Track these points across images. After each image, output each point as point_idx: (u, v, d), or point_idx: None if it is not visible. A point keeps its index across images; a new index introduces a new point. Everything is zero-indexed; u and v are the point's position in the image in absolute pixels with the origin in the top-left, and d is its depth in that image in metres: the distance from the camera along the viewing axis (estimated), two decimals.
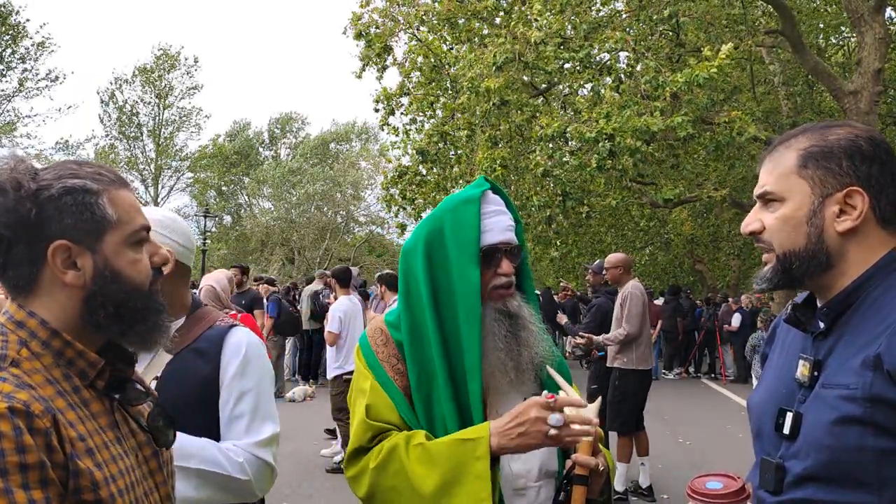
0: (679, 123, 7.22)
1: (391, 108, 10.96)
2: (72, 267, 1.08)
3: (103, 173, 1.13)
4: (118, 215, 1.10)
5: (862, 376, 1.11)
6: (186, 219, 36.54)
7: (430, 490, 1.46)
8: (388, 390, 1.60)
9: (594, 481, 1.52)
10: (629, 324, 5.76)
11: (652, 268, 22.07)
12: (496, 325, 1.58)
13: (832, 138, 1.23)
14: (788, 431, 1.20)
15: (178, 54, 32.55)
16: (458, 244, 1.58)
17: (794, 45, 9.39)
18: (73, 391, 1.06)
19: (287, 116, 39.40)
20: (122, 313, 1.11)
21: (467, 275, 1.57)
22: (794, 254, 1.23)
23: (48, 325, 1.07)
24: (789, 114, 12.17)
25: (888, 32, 9.31)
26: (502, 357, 1.56)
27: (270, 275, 17.66)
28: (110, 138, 32.34)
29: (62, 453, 0.97)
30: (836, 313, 1.22)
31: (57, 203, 1.06)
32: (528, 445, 1.44)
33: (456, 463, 1.45)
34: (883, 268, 1.20)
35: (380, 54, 10.30)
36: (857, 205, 1.19)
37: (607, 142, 7.20)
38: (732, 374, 14.51)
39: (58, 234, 1.06)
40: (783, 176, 1.24)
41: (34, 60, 23.74)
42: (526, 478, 1.59)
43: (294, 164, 34.71)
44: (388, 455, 1.52)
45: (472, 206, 1.60)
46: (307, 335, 11.71)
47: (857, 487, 1.11)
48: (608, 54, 8.85)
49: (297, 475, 6.38)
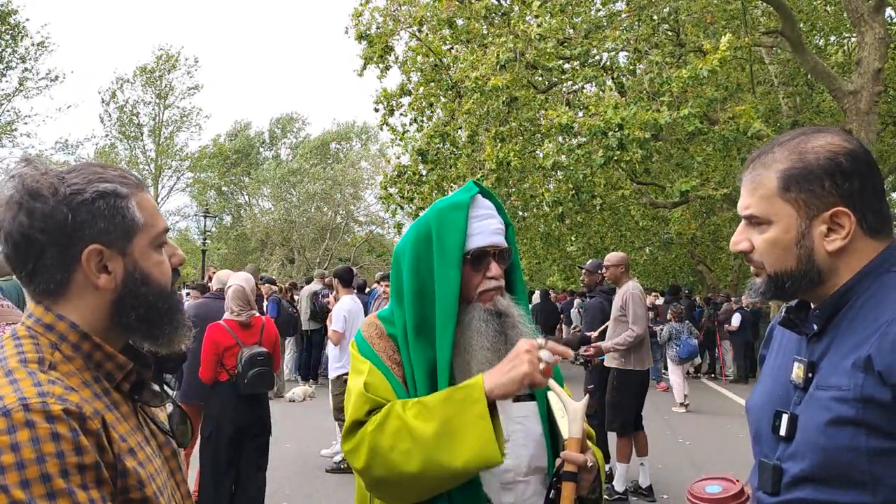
0: (686, 116, 7.20)
1: (391, 109, 10.95)
2: (104, 270, 1.09)
3: (128, 177, 1.15)
4: (145, 218, 1.12)
5: (854, 377, 1.13)
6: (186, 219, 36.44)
7: (430, 439, 1.45)
8: (387, 375, 1.63)
9: (583, 478, 1.54)
10: (637, 325, 5.72)
11: (652, 268, 22.06)
12: (484, 325, 1.61)
13: (811, 157, 1.22)
14: (785, 433, 1.21)
15: (178, 54, 32.58)
16: (442, 248, 1.63)
17: (793, 45, 9.39)
18: (104, 393, 1.08)
19: (288, 116, 39.45)
20: (151, 315, 1.13)
21: (447, 278, 1.61)
22: (785, 273, 1.25)
23: (78, 327, 1.07)
24: (789, 114, 12.17)
25: (888, 32, 9.31)
26: (489, 355, 1.58)
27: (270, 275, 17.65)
28: (111, 138, 32.36)
29: (111, 453, 1.00)
30: (829, 315, 1.23)
31: (90, 207, 1.07)
32: (519, 375, 1.44)
33: (454, 410, 1.46)
34: (873, 270, 1.21)
35: (381, 55, 10.30)
36: (845, 224, 1.21)
37: (618, 131, 7.16)
38: (732, 374, 14.51)
39: (91, 238, 1.07)
40: (766, 199, 1.25)
41: (34, 60, 23.76)
42: (514, 472, 1.60)
43: (294, 164, 34.72)
44: (385, 417, 1.51)
45: (460, 211, 1.65)
46: (306, 335, 11.71)
47: (852, 487, 1.12)
48: (607, 54, 8.84)
49: (297, 475, 6.38)
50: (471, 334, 1.60)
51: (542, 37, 7.90)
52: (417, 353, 1.62)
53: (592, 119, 7.36)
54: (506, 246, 1.68)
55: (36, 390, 0.96)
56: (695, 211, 17.34)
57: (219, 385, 4.49)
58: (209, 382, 4.52)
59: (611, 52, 8.93)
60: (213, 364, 4.47)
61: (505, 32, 8.33)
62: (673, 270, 22.62)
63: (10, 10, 22.19)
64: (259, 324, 4.71)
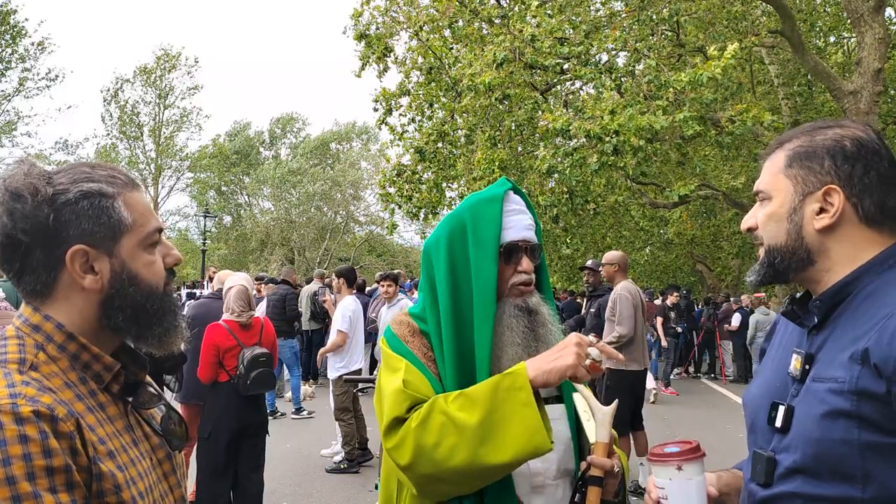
0: (684, 120, 7.19)
1: (389, 108, 10.95)
2: (90, 271, 1.08)
3: (117, 176, 1.13)
4: (133, 218, 1.11)
5: (850, 370, 1.13)
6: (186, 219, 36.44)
7: (476, 430, 1.40)
8: (424, 372, 1.59)
9: (609, 482, 1.53)
10: (622, 325, 5.79)
11: (652, 268, 22.07)
12: (514, 320, 1.60)
13: (819, 138, 1.26)
14: (780, 425, 1.22)
15: (178, 54, 32.57)
16: (478, 241, 1.62)
17: (793, 45, 9.38)
18: (90, 395, 1.06)
19: (288, 116, 39.42)
20: (140, 316, 1.11)
21: (484, 270, 1.60)
22: (776, 248, 1.28)
23: (64, 328, 1.07)
24: (789, 114, 12.17)
25: (888, 32, 9.31)
26: (519, 352, 1.57)
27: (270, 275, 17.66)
28: (111, 138, 32.35)
29: (86, 456, 0.98)
30: (829, 307, 1.24)
31: (74, 208, 1.06)
32: (563, 366, 1.41)
33: (499, 399, 1.42)
34: (876, 265, 1.21)
35: (381, 57, 10.29)
36: (835, 202, 1.22)
37: (613, 137, 7.16)
38: (732, 374, 14.50)
39: (76, 239, 1.06)
40: (772, 175, 1.30)
41: (34, 60, 23.76)
42: (544, 475, 1.59)
43: (294, 164, 34.71)
44: (429, 413, 1.46)
45: (496, 204, 1.64)
46: (306, 335, 11.71)
47: (842, 480, 1.12)
48: (606, 54, 8.84)
49: (296, 475, 6.38)
50: (502, 329, 1.59)
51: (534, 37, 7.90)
52: (451, 349, 1.58)
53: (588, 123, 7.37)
54: (537, 242, 1.69)
55: (7, 391, 0.95)
56: (695, 211, 17.34)
57: (218, 385, 4.49)
58: (208, 383, 4.53)
59: (610, 53, 8.93)
60: (212, 365, 4.47)
61: (503, 32, 8.33)
62: (673, 270, 22.62)
63: (10, 10, 22.18)
64: (258, 324, 4.72)
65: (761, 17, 10.58)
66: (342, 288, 6.92)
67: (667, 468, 1.32)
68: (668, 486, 1.31)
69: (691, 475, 1.31)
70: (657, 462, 1.34)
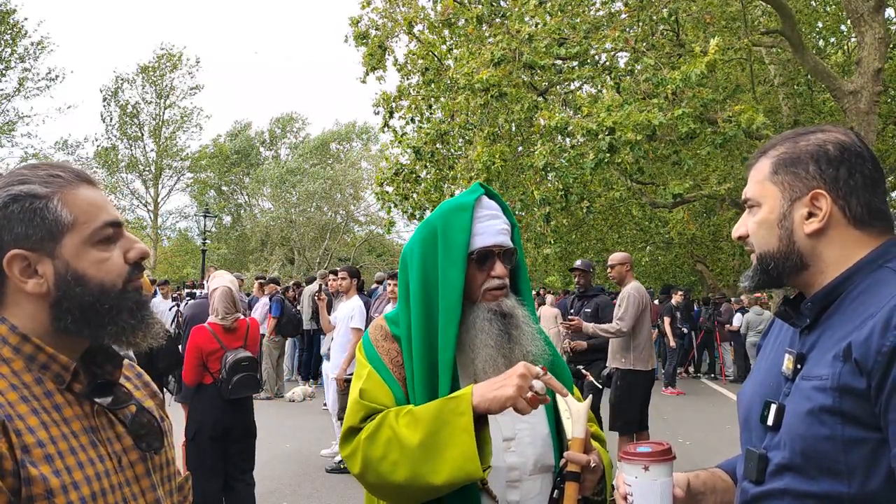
0: (680, 117, 7.18)
1: (391, 111, 10.95)
2: (33, 275, 1.06)
3: (57, 174, 1.10)
4: (75, 216, 1.07)
5: (833, 367, 1.15)
6: (186, 219, 36.43)
7: (416, 450, 1.46)
8: (386, 379, 1.65)
9: (587, 478, 1.55)
10: (622, 321, 5.84)
11: (653, 268, 22.07)
12: (488, 324, 1.63)
13: (802, 144, 1.29)
14: (772, 422, 1.24)
15: (180, 54, 32.54)
16: (447, 247, 1.65)
17: (793, 45, 9.37)
18: (45, 395, 1.04)
19: (288, 116, 39.41)
20: (90, 316, 1.08)
21: (450, 277, 1.63)
22: (769, 255, 1.30)
23: (17, 329, 1.05)
24: (789, 114, 12.16)
25: (888, 32, 9.30)
26: (493, 354, 1.60)
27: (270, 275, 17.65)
28: (111, 138, 32.32)
29: (12, 460, 0.95)
30: (820, 308, 1.26)
31: (4, 212, 1.04)
32: (503, 397, 1.43)
33: (441, 421, 1.47)
34: (866, 266, 1.23)
35: (380, 59, 10.30)
36: (822, 207, 1.25)
37: (607, 135, 7.15)
38: (732, 374, 14.50)
39: (10, 244, 1.04)
40: (759, 182, 1.33)
41: (34, 60, 23.75)
42: (520, 470, 1.61)
43: (294, 164, 34.69)
44: (378, 426, 1.54)
45: (465, 213, 1.67)
46: (307, 335, 11.70)
47: (829, 476, 1.14)
48: (605, 53, 8.83)
49: (296, 475, 6.37)
50: (475, 333, 1.62)
51: (531, 37, 7.89)
52: (419, 353, 1.62)
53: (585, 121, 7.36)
54: (511, 246, 1.70)
55: None
56: (695, 211, 17.33)
57: (202, 388, 4.50)
58: (192, 385, 4.54)
59: (610, 53, 8.92)
60: (196, 368, 4.47)
61: (501, 32, 8.32)
62: (673, 270, 22.62)
63: (9, 10, 22.18)
64: (244, 326, 4.71)
65: (761, 16, 10.58)
66: (351, 288, 6.91)
67: (634, 466, 1.34)
68: (634, 483, 1.34)
69: (657, 476, 1.33)
70: (626, 460, 1.36)
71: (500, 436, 1.61)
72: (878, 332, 1.11)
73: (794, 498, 1.18)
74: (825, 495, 1.15)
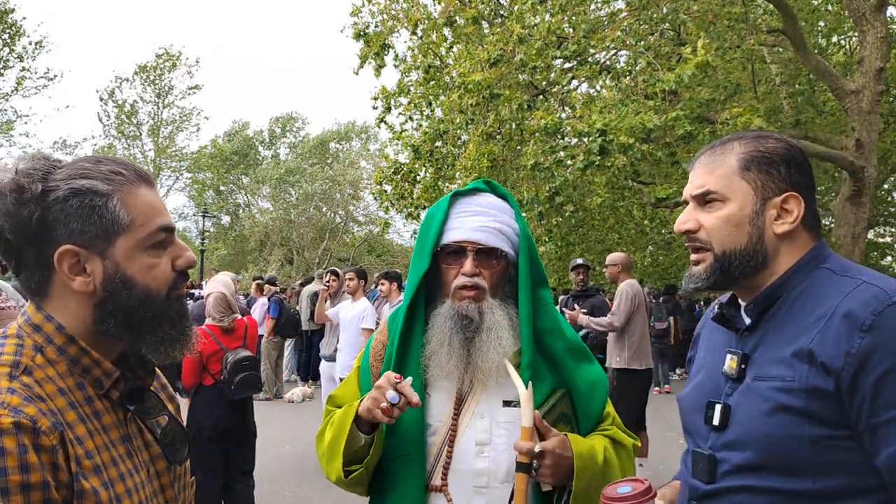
0: (676, 118, 7.15)
1: (388, 106, 10.91)
2: (81, 272, 1.03)
3: (120, 171, 1.07)
4: (132, 217, 1.05)
5: (797, 369, 1.18)
6: (185, 219, 36.39)
7: (326, 448, 1.64)
8: (363, 376, 1.74)
9: (543, 464, 1.50)
10: (615, 317, 5.90)
11: (653, 269, 22.07)
12: (442, 321, 1.61)
13: (770, 145, 1.31)
14: (718, 422, 1.26)
15: (179, 54, 32.50)
16: (421, 240, 1.67)
17: (795, 45, 9.34)
18: (86, 402, 1.02)
19: (287, 116, 39.37)
20: (133, 322, 1.05)
21: (414, 268, 1.66)
22: (734, 252, 1.29)
23: (65, 330, 1.03)
24: (791, 113, 12.13)
25: (889, 31, 9.28)
26: (443, 353, 1.59)
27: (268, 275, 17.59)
28: (109, 137, 32.27)
29: (67, 472, 0.93)
30: (762, 309, 1.29)
31: (63, 206, 1.01)
32: (365, 408, 1.53)
33: (340, 426, 1.61)
34: (804, 266, 1.28)
35: (378, 53, 10.25)
36: (794, 209, 1.29)
37: (598, 137, 7.11)
38: None
39: (65, 239, 1.01)
40: (725, 177, 1.31)
41: (32, 59, 23.67)
42: (490, 476, 1.58)
43: (293, 163, 34.64)
44: (324, 426, 1.71)
45: (442, 204, 1.68)
46: (306, 336, 11.66)
47: (793, 474, 1.17)
48: (605, 53, 8.79)
49: (296, 476, 6.34)
50: (433, 331, 1.61)
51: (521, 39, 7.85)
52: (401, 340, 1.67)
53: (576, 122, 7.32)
54: (492, 245, 1.62)
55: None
56: None
57: (202, 389, 4.50)
58: (189, 388, 4.54)
59: (609, 52, 8.88)
60: (193, 370, 4.48)
61: (500, 32, 8.29)
62: (674, 271, 22.62)
63: (8, 9, 22.12)
64: (242, 326, 4.70)
65: (762, 16, 10.55)
66: (359, 289, 6.90)
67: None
68: None
69: None
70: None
71: (473, 440, 1.58)
72: (844, 335, 1.14)
73: (752, 494, 1.21)
74: (788, 492, 1.17)
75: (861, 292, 1.18)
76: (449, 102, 9.21)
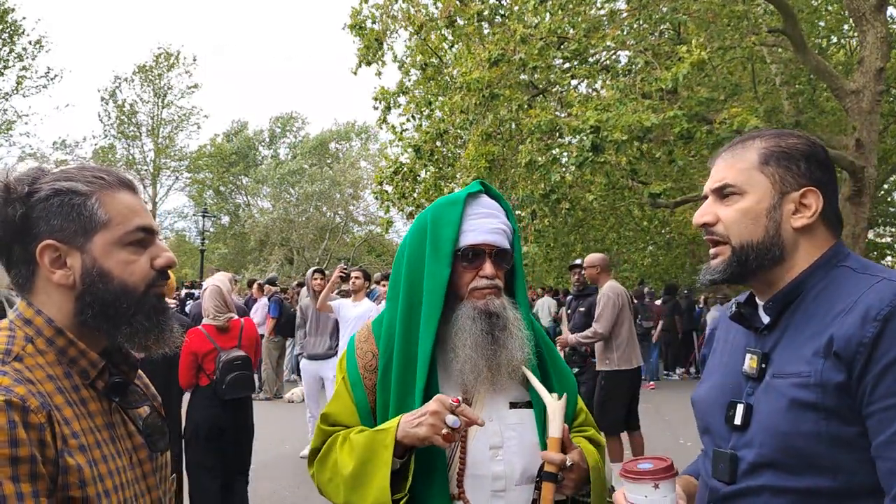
0: (674, 117, 7.14)
1: (388, 106, 10.91)
2: (62, 266, 1.10)
3: (101, 176, 1.15)
4: (110, 216, 1.12)
5: (814, 364, 1.17)
6: (184, 219, 36.33)
7: (349, 478, 1.53)
8: (355, 391, 1.66)
9: (567, 477, 1.51)
10: (598, 324, 5.86)
11: (653, 269, 22.06)
12: (471, 322, 1.58)
13: (791, 142, 1.32)
14: (740, 422, 1.25)
15: (178, 53, 32.49)
16: (434, 243, 1.62)
17: (795, 44, 9.33)
18: (73, 389, 1.09)
19: (287, 115, 39.36)
20: (109, 314, 1.12)
21: (435, 272, 1.60)
22: (751, 245, 1.30)
23: (53, 323, 1.10)
24: (792, 113, 12.13)
25: (890, 31, 9.27)
26: (472, 355, 1.56)
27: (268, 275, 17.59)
28: (109, 137, 32.25)
29: (54, 449, 0.99)
30: (781, 307, 1.29)
31: (45, 204, 1.10)
32: (420, 436, 1.44)
33: (370, 452, 1.51)
34: (823, 264, 1.28)
35: (375, 52, 10.25)
36: (812, 204, 1.29)
37: (591, 133, 7.09)
38: None
39: (46, 234, 1.09)
40: (744, 171, 1.33)
41: (31, 59, 23.67)
42: (507, 479, 1.57)
43: (293, 164, 34.63)
44: (328, 450, 1.64)
45: (456, 207, 1.64)
46: None
47: (813, 472, 1.15)
48: (605, 52, 8.79)
49: (295, 476, 6.34)
50: (456, 331, 1.58)
51: (523, 39, 7.85)
52: (400, 347, 1.60)
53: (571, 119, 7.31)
54: (505, 247, 1.64)
55: None
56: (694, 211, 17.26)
57: (198, 389, 4.51)
58: (186, 388, 4.55)
59: (610, 52, 8.87)
60: (189, 370, 4.48)
61: (501, 31, 8.28)
62: (674, 271, 22.61)
63: (8, 9, 22.11)
64: (237, 326, 4.71)
65: (763, 15, 10.54)
66: (362, 290, 6.92)
67: (643, 486, 1.33)
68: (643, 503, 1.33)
69: (667, 493, 1.32)
70: (631, 479, 1.34)
71: (486, 444, 1.58)
72: (858, 326, 1.14)
73: (773, 494, 1.20)
74: (808, 490, 1.16)
75: (880, 288, 1.18)
76: (450, 103, 9.21)
